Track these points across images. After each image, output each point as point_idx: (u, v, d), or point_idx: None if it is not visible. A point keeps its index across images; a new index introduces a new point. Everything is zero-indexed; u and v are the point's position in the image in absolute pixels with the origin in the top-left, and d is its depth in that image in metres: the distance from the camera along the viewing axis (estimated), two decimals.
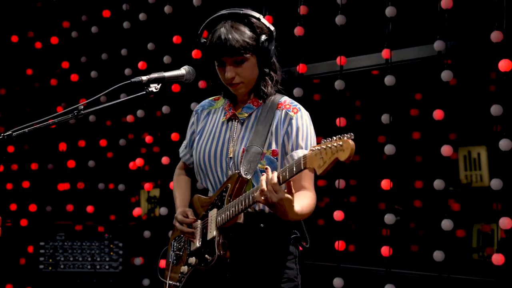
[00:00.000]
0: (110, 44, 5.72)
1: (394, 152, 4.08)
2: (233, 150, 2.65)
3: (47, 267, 5.19)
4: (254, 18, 2.60)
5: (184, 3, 5.12)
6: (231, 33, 2.55)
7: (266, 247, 2.62)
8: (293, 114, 2.63)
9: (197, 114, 2.88)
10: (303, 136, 2.61)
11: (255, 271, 2.62)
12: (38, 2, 6.22)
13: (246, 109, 2.70)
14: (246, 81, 2.63)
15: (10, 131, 2.33)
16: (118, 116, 5.87)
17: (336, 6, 4.28)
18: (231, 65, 2.60)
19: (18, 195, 6.03)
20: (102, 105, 2.48)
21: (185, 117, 5.07)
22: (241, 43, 2.55)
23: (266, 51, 2.60)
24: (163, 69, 2.59)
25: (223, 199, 2.59)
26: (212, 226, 2.59)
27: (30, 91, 6.21)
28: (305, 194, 2.57)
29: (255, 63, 2.62)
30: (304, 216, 2.53)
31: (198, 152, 2.75)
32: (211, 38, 2.61)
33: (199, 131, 2.82)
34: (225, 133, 2.71)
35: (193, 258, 2.66)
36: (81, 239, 5.22)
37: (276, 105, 2.67)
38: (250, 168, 2.56)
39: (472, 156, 4.93)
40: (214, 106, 2.85)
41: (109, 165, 5.86)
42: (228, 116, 2.73)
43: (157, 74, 2.54)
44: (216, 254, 2.54)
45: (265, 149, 2.59)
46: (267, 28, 2.61)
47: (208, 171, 2.71)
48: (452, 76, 3.85)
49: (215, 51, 2.60)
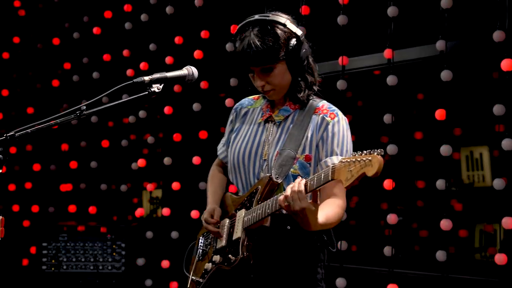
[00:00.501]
0: (112, 45, 5.72)
1: (397, 152, 4.08)
2: (267, 153, 2.63)
3: (49, 268, 5.19)
4: (280, 24, 2.57)
5: (185, 3, 5.13)
6: (256, 42, 2.53)
7: (292, 250, 2.59)
8: (329, 119, 2.60)
9: (236, 112, 2.86)
10: (338, 142, 2.57)
11: (280, 273, 2.59)
12: (40, 3, 6.23)
13: (283, 112, 2.68)
14: (278, 87, 2.61)
15: (12, 131, 2.33)
16: (120, 116, 5.87)
17: (337, 6, 4.28)
18: (259, 73, 2.59)
19: (21, 196, 6.03)
20: (104, 105, 2.48)
21: (187, 118, 5.11)
22: (266, 52, 2.53)
23: (295, 56, 2.57)
24: (165, 70, 2.59)
25: (252, 200, 2.57)
26: (239, 226, 2.58)
27: (32, 92, 6.22)
28: (334, 202, 2.54)
29: (285, 69, 2.59)
30: (330, 226, 2.52)
31: (233, 151, 2.73)
32: (239, 47, 2.59)
33: (236, 129, 2.81)
34: (261, 134, 2.69)
35: (217, 256, 2.65)
36: (84, 240, 5.22)
37: (313, 110, 2.63)
38: (281, 172, 2.54)
39: (474, 156, 4.93)
40: (253, 105, 2.83)
41: (111, 165, 5.86)
42: (265, 117, 2.71)
43: (159, 75, 2.53)
44: (239, 255, 2.52)
45: (299, 154, 2.57)
46: (294, 32, 2.58)
47: (241, 171, 2.70)
48: (451, 75, 3.85)
49: (242, 60, 2.59)
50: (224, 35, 4.84)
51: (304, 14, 4.41)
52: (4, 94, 6.14)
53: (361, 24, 4.51)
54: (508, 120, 3.63)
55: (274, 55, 2.54)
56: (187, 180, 5.16)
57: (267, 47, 2.53)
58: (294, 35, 2.57)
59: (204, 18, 4.99)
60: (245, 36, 2.58)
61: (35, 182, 6.05)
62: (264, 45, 2.53)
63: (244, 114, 2.82)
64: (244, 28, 2.61)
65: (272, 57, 2.54)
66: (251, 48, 2.53)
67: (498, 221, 3.59)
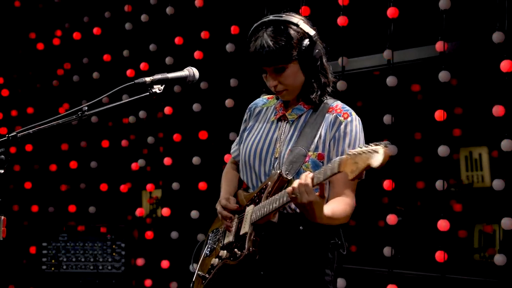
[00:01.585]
0: (112, 45, 5.73)
1: (396, 152, 4.09)
2: (279, 151, 2.64)
3: (49, 268, 5.20)
4: (293, 24, 2.57)
5: (185, 4, 5.14)
6: (268, 42, 2.53)
7: (303, 250, 2.59)
8: (342, 119, 2.60)
9: (250, 111, 2.86)
10: (350, 142, 2.58)
11: (288, 272, 2.59)
12: (40, 3, 6.24)
13: (296, 110, 2.68)
14: (290, 88, 2.62)
15: (14, 132, 2.34)
16: (120, 117, 5.88)
17: (337, 7, 4.29)
18: (272, 73, 2.59)
19: (21, 195, 6.04)
20: (106, 106, 2.48)
21: (187, 118, 5.12)
22: (278, 52, 2.53)
23: (308, 57, 2.57)
24: (165, 70, 2.59)
25: (262, 196, 2.57)
26: (247, 221, 2.58)
27: (32, 92, 6.22)
28: (342, 200, 2.55)
29: (297, 70, 2.58)
30: (336, 221, 2.52)
31: (245, 149, 2.74)
32: (252, 47, 2.59)
33: (249, 127, 2.81)
34: (273, 132, 2.70)
35: (224, 251, 2.65)
36: (84, 240, 5.23)
37: (327, 109, 2.64)
38: (292, 169, 2.55)
39: (473, 156, 4.93)
40: (267, 104, 2.83)
41: (111, 166, 5.87)
42: (278, 116, 2.71)
43: (161, 75, 2.54)
44: (245, 250, 2.52)
45: (311, 152, 2.58)
46: (306, 33, 2.58)
47: (252, 169, 2.70)
48: (449, 76, 3.86)
49: (255, 60, 2.59)
50: (224, 35, 4.85)
51: (304, 15, 4.40)
52: (4, 94, 6.15)
53: (361, 25, 4.52)
54: (507, 121, 3.64)
55: (286, 55, 2.54)
56: (187, 180, 5.16)
57: (279, 47, 2.53)
58: (307, 35, 2.57)
59: (204, 18, 5.00)
60: (258, 36, 2.58)
61: (35, 182, 6.06)
62: (276, 45, 2.53)
63: (258, 113, 2.82)
64: (258, 28, 2.61)
65: (284, 57, 2.54)
66: (263, 48, 2.54)
67: (498, 222, 3.60)
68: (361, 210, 5.32)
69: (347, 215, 2.55)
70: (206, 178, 4.92)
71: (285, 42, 2.54)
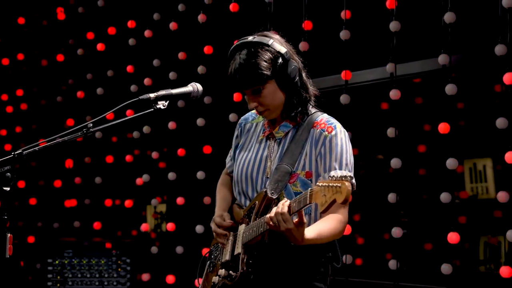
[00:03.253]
0: (116, 61, 5.75)
1: (400, 165, 4.09)
2: (270, 170, 2.65)
3: (55, 284, 5.19)
4: (264, 45, 2.59)
5: (189, 19, 5.16)
6: (242, 65, 2.56)
7: (295, 266, 2.60)
8: (327, 133, 2.60)
9: (240, 127, 2.88)
10: (336, 157, 2.57)
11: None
12: (44, 20, 6.27)
13: (283, 128, 2.69)
14: (271, 107, 2.63)
15: (20, 149, 2.35)
16: (124, 132, 5.89)
17: (340, 21, 4.30)
18: (250, 95, 2.62)
19: (25, 212, 6.04)
20: (111, 122, 2.50)
21: (191, 133, 5.13)
22: (251, 74, 2.56)
23: (283, 74, 2.59)
24: (169, 86, 2.61)
25: (251, 216, 2.59)
26: (239, 242, 2.60)
27: (37, 109, 6.24)
28: (332, 218, 2.55)
29: (275, 89, 2.60)
30: (324, 240, 2.53)
31: (237, 168, 2.76)
32: (228, 71, 2.63)
33: (240, 145, 2.84)
34: (262, 151, 2.71)
35: (222, 270, 2.66)
36: (89, 256, 5.22)
37: (311, 124, 2.65)
38: (277, 187, 2.56)
39: (477, 168, 4.94)
40: (256, 119, 2.85)
41: (115, 181, 5.87)
42: (266, 134, 2.73)
43: (165, 92, 2.55)
44: (239, 271, 2.54)
45: (299, 170, 2.59)
46: (278, 51, 2.59)
47: (244, 188, 2.72)
48: (456, 89, 3.86)
49: (232, 84, 2.62)
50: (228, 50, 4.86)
51: (307, 29, 4.44)
52: (9, 110, 6.17)
53: (364, 38, 4.54)
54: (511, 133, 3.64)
55: (259, 76, 2.56)
56: (191, 195, 5.17)
57: (251, 69, 2.55)
58: (280, 54, 2.59)
59: (207, 33, 5.02)
60: (234, 60, 2.62)
61: (39, 198, 6.06)
62: (248, 67, 2.56)
63: (248, 130, 2.85)
64: (232, 53, 2.65)
65: (257, 78, 2.56)
66: (237, 72, 2.57)
67: (503, 233, 3.59)
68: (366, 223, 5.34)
69: (338, 232, 2.55)
70: (210, 193, 4.89)
71: (257, 63, 2.55)
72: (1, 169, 2.28)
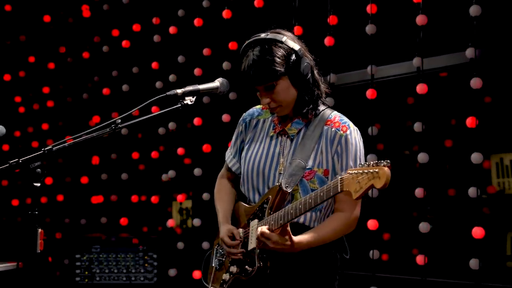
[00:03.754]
0: (141, 58, 5.77)
1: (428, 160, 4.07)
2: (283, 167, 2.67)
3: (83, 280, 5.23)
4: (278, 42, 2.60)
5: (213, 15, 5.16)
6: (255, 61, 2.58)
7: (308, 259, 2.63)
8: (342, 132, 2.64)
9: (245, 123, 2.89)
10: (352, 156, 2.62)
11: (298, 282, 2.63)
12: (69, 17, 6.31)
13: (295, 125, 2.71)
14: (284, 103, 2.65)
15: (50, 146, 2.37)
16: (150, 128, 5.91)
17: (366, 16, 4.29)
18: (263, 91, 2.64)
19: (53, 208, 6.09)
20: (139, 118, 2.51)
21: (216, 129, 5.14)
22: (265, 70, 2.57)
23: (296, 71, 2.61)
24: (193, 82, 2.61)
25: (264, 210, 2.61)
26: (253, 237, 2.61)
27: (63, 106, 6.29)
28: (334, 218, 2.63)
29: (288, 85, 2.62)
30: (327, 241, 2.61)
31: (247, 164, 2.77)
32: (242, 68, 2.65)
33: (248, 141, 2.84)
34: (274, 147, 2.73)
35: (234, 266, 2.69)
36: (116, 251, 5.26)
37: (324, 121, 2.67)
38: (291, 181, 2.58)
39: (504, 163, 4.89)
40: (263, 115, 2.86)
41: (141, 177, 5.90)
42: (278, 130, 2.74)
43: (192, 87, 2.57)
44: (256, 266, 2.57)
45: (315, 167, 2.62)
46: (291, 48, 2.60)
47: (255, 184, 2.74)
48: (481, 83, 3.83)
49: (246, 80, 2.64)
50: None
51: (332, 24, 4.42)
52: (35, 107, 6.23)
53: (390, 32, 4.51)
54: None
55: (272, 72, 2.57)
56: None
57: (265, 66, 2.57)
58: (293, 51, 2.60)
59: (232, 29, 5.02)
60: (247, 56, 2.63)
61: (66, 194, 6.11)
62: (262, 63, 2.57)
63: (255, 125, 2.86)
64: (245, 49, 2.66)
65: (271, 75, 2.58)
66: (250, 68, 2.59)
67: None
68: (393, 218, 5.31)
69: (344, 230, 2.64)
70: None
71: (271, 60, 2.57)
72: (31, 165, 2.32)
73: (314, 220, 2.66)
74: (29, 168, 2.31)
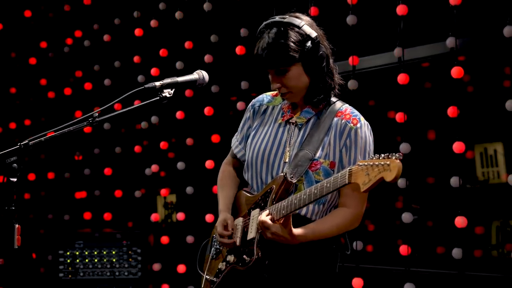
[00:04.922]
0: (122, 52, 5.74)
1: (410, 150, 4.07)
2: (289, 156, 2.62)
3: (66, 275, 5.21)
4: (295, 26, 2.54)
5: (194, 8, 5.14)
6: (270, 44, 2.52)
7: (306, 252, 2.59)
8: (352, 125, 2.58)
9: (253, 108, 2.82)
10: (361, 150, 2.57)
11: (294, 275, 2.60)
12: (50, 12, 6.27)
13: (305, 114, 2.65)
14: (294, 90, 2.59)
15: (26, 140, 2.35)
16: (132, 123, 5.89)
17: (346, 7, 4.28)
18: (274, 75, 2.58)
19: (36, 204, 6.06)
20: (117, 112, 2.49)
21: (199, 122, 5.13)
22: (279, 54, 2.52)
23: (311, 59, 2.55)
24: (176, 75, 2.59)
25: (267, 200, 2.56)
26: (253, 226, 2.57)
27: (45, 101, 6.25)
28: (336, 214, 2.59)
29: (301, 72, 2.56)
30: (328, 236, 2.57)
31: (252, 151, 2.71)
32: (255, 49, 2.59)
33: (255, 127, 2.78)
34: (281, 135, 2.67)
35: (231, 256, 2.65)
36: (100, 247, 5.24)
37: (334, 113, 2.62)
38: (296, 172, 2.54)
39: (488, 152, 4.90)
40: (272, 102, 2.79)
41: (125, 172, 5.88)
42: (286, 118, 2.69)
43: (170, 80, 2.54)
44: (254, 256, 2.52)
45: (322, 159, 2.56)
46: (308, 35, 2.54)
47: (259, 172, 2.68)
48: (462, 72, 3.83)
49: (258, 62, 2.59)
50: (234, 38, 4.85)
51: (313, 15, 4.41)
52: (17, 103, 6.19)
53: (371, 23, 4.51)
54: None
55: (286, 57, 2.52)
56: (200, 184, 5.16)
57: (279, 49, 2.52)
58: (310, 38, 2.54)
59: (213, 22, 5.00)
60: (262, 38, 2.58)
61: (49, 190, 6.08)
62: (277, 47, 2.52)
63: (264, 112, 2.79)
64: (262, 30, 2.60)
65: (285, 59, 2.53)
66: (264, 50, 2.54)
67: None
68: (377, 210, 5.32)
69: (347, 226, 2.60)
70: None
71: (286, 44, 2.51)
72: (7, 160, 2.29)
73: (317, 213, 2.60)
74: (5, 163, 2.28)
